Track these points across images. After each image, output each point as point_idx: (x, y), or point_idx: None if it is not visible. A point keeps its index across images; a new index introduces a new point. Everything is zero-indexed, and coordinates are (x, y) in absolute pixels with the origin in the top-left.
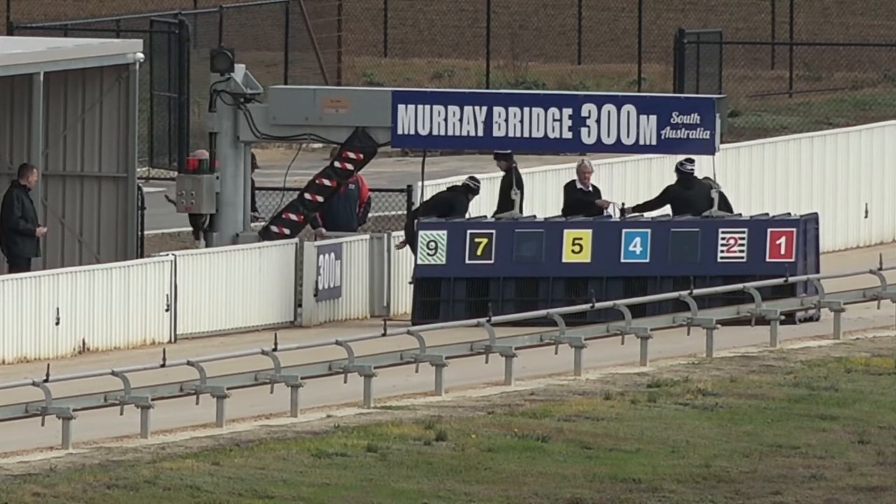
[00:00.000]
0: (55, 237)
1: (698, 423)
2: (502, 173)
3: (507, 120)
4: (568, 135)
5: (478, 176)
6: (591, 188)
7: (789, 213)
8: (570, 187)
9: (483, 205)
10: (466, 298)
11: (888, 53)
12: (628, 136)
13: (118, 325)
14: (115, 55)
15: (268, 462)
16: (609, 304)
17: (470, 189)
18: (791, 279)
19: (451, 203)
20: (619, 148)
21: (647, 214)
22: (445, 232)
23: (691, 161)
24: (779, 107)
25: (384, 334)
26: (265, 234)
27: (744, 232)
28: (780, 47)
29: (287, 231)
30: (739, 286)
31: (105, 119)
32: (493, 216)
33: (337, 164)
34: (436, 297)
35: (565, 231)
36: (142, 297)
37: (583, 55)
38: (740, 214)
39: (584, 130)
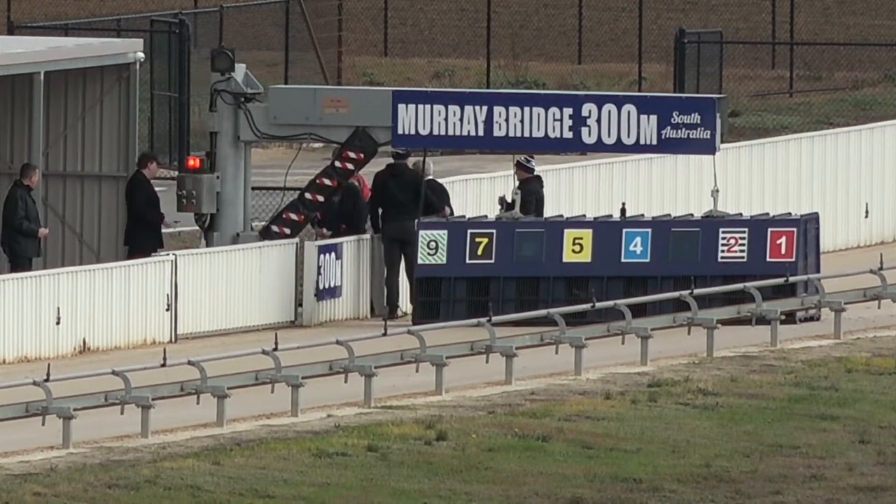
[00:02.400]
0: (56, 237)
1: (699, 423)
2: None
3: (507, 120)
4: (568, 134)
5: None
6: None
7: (790, 213)
8: None
9: (483, 204)
10: (467, 298)
11: (889, 53)
12: (629, 135)
13: (119, 324)
14: (116, 55)
15: (268, 462)
16: (609, 303)
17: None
18: (791, 279)
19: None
20: (619, 148)
21: (647, 215)
22: (446, 232)
23: (533, 157)
24: (779, 106)
25: (385, 334)
26: (265, 234)
27: (744, 232)
28: (780, 47)
29: (287, 231)
30: (740, 286)
31: (105, 119)
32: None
33: (337, 163)
34: (436, 296)
35: (566, 231)
36: (142, 296)
37: (583, 55)
38: (741, 214)
39: (584, 130)
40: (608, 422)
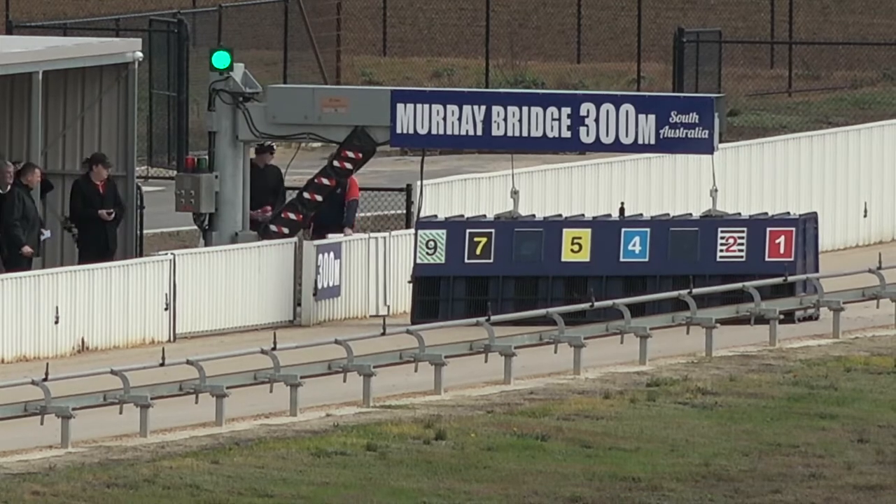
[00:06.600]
0: (54, 236)
1: (698, 422)
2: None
3: (505, 119)
4: (566, 134)
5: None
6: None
7: (788, 213)
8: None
9: (482, 204)
10: (466, 297)
11: (887, 52)
12: (627, 135)
13: (117, 324)
14: (115, 54)
15: (267, 461)
16: (608, 303)
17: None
18: (790, 278)
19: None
20: (617, 147)
21: (646, 214)
22: (445, 231)
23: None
24: (778, 106)
25: (383, 333)
26: (264, 234)
27: (743, 231)
28: (779, 46)
29: (286, 230)
30: (739, 285)
31: (104, 118)
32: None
33: (336, 163)
34: (435, 296)
35: (564, 230)
36: (141, 296)
37: (582, 54)
38: (739, 214)
39: (582, 130)
40: (607, 421)
